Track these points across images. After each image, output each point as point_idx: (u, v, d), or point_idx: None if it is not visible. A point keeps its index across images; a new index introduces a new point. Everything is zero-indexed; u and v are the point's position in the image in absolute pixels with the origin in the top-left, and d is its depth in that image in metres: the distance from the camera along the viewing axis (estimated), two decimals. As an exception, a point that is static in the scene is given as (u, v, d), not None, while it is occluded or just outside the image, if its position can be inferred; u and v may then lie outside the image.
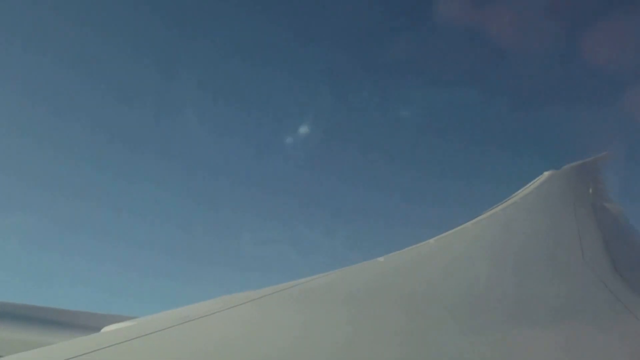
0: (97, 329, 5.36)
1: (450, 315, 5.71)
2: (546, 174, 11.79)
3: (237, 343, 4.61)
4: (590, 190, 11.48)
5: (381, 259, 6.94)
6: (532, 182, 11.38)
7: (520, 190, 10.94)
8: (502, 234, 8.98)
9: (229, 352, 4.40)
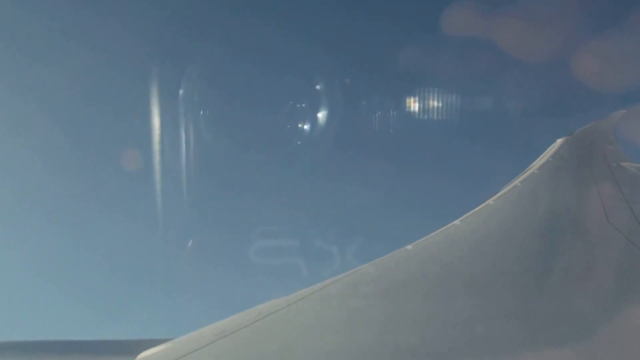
0: (132, 357, 5.19)
1: (489, 295, 5.58)
2: (559, 141, 11.64)
3: (281, 351, 4.45)
4: (605, 151, 11.32)
5: (409, 246, 6.76)
6: (546, 151, 11.22)
7: (536, 161, 10.78)
8: (525, 207, 8.84)
9: None
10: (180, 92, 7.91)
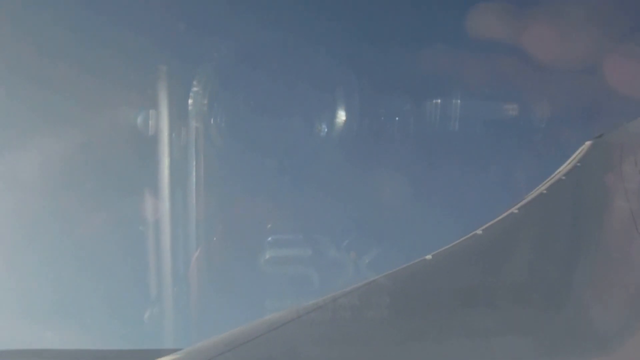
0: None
1: (511, 308, 5.36)
2: (587, 144, 11.22)
3: None
4: (637, 156, 10.86)
5: (429, 256, 6.51)
6: (574, 155, 10.83)
7: (563, 166, 10.41)
8: (551, 217, 8.53)
9: None
10: (190, 98, 7.84)
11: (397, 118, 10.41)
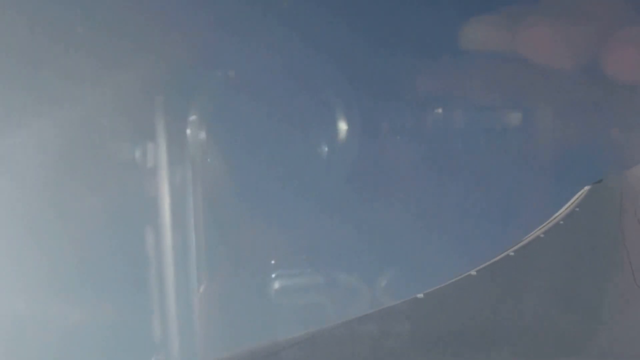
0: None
1: (501, 354, 5.27)
2: (586, 189, 11.21)
3: None
4: (637, 203, 10.83)
5: (420, 295, 6.46)
6: (572, 200, 10.80)
7: (561, 210, 10.37)
8: (546, 262, 8.45)
9: None
10: (188, 128, 7.88)
11: (399, 138, 10.34)
